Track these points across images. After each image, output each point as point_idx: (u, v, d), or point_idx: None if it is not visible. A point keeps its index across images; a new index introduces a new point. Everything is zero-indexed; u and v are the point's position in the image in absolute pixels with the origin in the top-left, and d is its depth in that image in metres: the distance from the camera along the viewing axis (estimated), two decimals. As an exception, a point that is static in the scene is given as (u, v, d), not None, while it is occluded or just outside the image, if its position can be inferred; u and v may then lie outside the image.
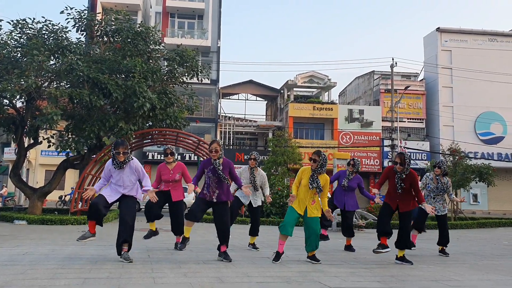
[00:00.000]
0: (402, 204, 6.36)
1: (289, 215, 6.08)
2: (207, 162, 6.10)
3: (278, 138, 26.57)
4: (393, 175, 6.36)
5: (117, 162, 5.65)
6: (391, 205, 6.44)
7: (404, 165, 6.20)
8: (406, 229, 6.33)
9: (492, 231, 14.07)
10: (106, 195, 5.67)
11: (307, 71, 35.67)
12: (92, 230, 5.71)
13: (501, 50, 35.40)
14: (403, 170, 6.22)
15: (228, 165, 6.07)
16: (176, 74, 15.70)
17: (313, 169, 6.05)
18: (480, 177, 17.67)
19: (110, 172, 5.77)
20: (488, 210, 32.93)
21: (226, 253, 6.08)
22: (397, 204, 6.38)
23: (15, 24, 13.39)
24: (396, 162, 6.28)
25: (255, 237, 7.51)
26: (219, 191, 6.01)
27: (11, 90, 11.54)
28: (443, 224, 7.66)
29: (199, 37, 33.88)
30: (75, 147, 13.34)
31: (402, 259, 6.38)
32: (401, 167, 6.22)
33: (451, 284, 4.93)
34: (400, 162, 6.22)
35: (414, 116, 34.72)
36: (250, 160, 7.31)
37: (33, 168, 31.70)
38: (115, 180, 5.75)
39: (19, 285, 4.25)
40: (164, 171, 6.90)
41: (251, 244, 7.54)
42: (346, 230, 7.85)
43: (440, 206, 7.63)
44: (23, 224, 12.02)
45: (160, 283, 4.49)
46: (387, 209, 6.47)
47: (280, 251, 6.10)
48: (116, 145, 5.66)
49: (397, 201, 6.37)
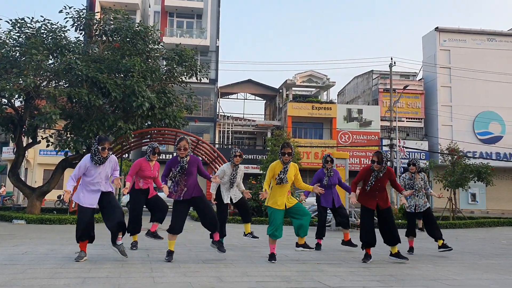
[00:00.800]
0: (381, 202, 6.33)
1: (275, 218, 5.98)
2: (174, 160, 5.91)
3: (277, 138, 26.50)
4: (369, 174, 6.32)
5: (99, 158, 5.57)
6: (370, 207, 6.36)
7: (381, 163, 6.20)
8: (392, 224, 6.29)
9: (491, 231, 14.09)
10: (88, 204, 5.57)
11: (306, 71, 35.69)
12: (85, 249, 5.70)
13: (499, 49, 35.44)
14: (381, 168, 6.22)
15: (196, 161, 5.96)
16: (175, 74, 15.70)
17: (285, 162, 6.00)
18: (478, 176, 17.68)
19: (85, 169, 5.59)
20: (487, 209, 32.98)
21: (221, 243, 6.07)
22: (377, 202, 6.34)
23: (14, 23, 13.37)
24: (374, 161, 6.25)
25: (249, 224, 7.47)
26: (187, 188, 5.86)
27: (9, 90, 11.53)
28: (430, 218, 7.65)
29: (197, 36, 33.87)
30: (74, 146, 13.32)
31: (397, 255, 6.35)
32: (379, 165, 6.20)
33: (450, 283, 4.94)
34: (378, 160, 6.21)
35: (412, 115, 34.76)
36: (235, 158, 7.21)
37: (31, 167, 31.65)
38: (91, 177, 5.59)
39: (18, 284, 4.24)
40: (146, 167, 6.91)
41: (249, 233, 7.48)
42: (343, 223, 7.85)
43: (422, 202, 7.66)
44: (22, 223, 12.01)
45: (159, 283, 4.49)
46: (369, 215, 6.38)
47: (274, 252, 6.10)
48: (101, 140, 5.60)
49: (377, 199, 6.33)
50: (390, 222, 6.31)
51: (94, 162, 5.58)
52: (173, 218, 5.81)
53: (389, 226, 6.31)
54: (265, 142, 33.20)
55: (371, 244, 6.29)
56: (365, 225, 6.35)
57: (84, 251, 5.67)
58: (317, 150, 32.00)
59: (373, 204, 6.36)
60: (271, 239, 6.04)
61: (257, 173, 23.05)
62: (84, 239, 5.60)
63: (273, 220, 5.99)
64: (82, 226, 5.52)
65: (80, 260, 5.57)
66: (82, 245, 5.66)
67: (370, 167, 6.33)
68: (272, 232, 5.96)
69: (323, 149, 31.80)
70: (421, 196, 7.68)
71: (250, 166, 30.26)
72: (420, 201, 7.65)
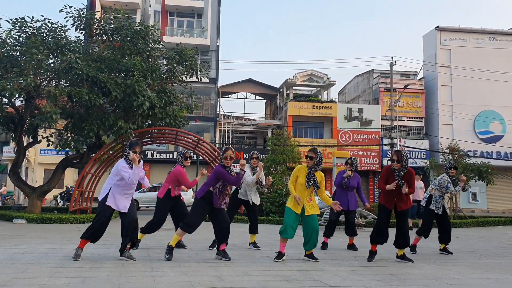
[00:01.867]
0: (400, 203, 6.29)
1: (288, 217, 6.03)
2: (221, 171, 5.82)
3: (277, 137, 26.55)
4: (392, 174, 6.28)
5: (131, 163, 5.58)
6: (387, 207, 6.34)
7: (401, 162, 6.17)
8: (405, 228, 6.29)
9: (492, 230, 14.08)
10: (122, 207, 5.61)
11: (306, 70, 35.65)
12: (83, 247, 5.72)
13: (500, 48, 35.39)
14: (401, 167, 6.19)
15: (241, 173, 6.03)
16: (175, 73, 15.68)
17: (309, 167, 6.01)
18: (479, 175, 17.65)
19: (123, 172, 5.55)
20: (487, 208, 32.96)
21: (225, 252, 6.08)
22: (395, 203, 6.30)
23: (14, 22, 13.36)
24: (393, 160, 6.24)
25: (255, 235, 7.51)
26: (227, 198, 6.05)
27: (10, 89, 11.53)
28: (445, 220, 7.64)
29: (198, 35, 33.85)
30: (75, 146, 13.32)
31: (403, 257, 6.37)
32: (399, 164, 6.18)
33: (451, 283, 4.93)
34: (397, 159, 6.19)
35: (413, 114, 34.73)
36: (252, 160, 7.30)
37: (32, 167, 31.67)
38: (125, 183, 5.59)
39: (19, 284, 4.24)
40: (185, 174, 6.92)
41: (252, 243, 7.54)
42: (350, 230, 7.85)
43: (444, 203, 7.68)
44: (23, 223, 12.02)
45: (160, 282, 4.48)
46: (386, 214, 6.35)
47: (283, 251, 6.11)
48: (132, 145, 5.61)
49: (395, 200, 6.29)
50: (402, 227, 6.29)
51: (130, 167, 5.57)
52: (194, 217, 5.85)
53: (401, 229, 6.30)
54: (265, 141, 33.19)
55: (378, 242, 6.29)
56: (380, 224, 6.33)
57: (81, 248, 5.69)
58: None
59: (391, 204, 6.32)
60: (281, 237, 6.07)
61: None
62: (93, 240, 5.67)
63: (285, 219, 6.07)
64: (97, 226, 5.57)
65: (77, 258, 5.59)
66: (84, 242, 5.68)
67: (391, 166, 6.30)
68: (281, 230, 6.01)
69: (324, 148, 31.79)
70: (443, 198, 7.68)
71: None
72: (443, 202, 7.68)
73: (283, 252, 6.09)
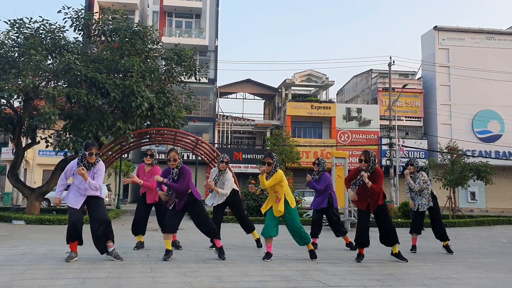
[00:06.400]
0: (372, 202, 6.25)
1: (266, 217, 6.24)
2: (167, 171, 5.93)
3: (276, 137, 26.58)
4: (357, 173, 6.28)
5: (86, 164, 5.60)
6: (360, 208, 6.32)
7: (369, 162, 6.19)
8: (388, 224, 6.27)
9: (490, 229, 14.10)
10: (72, 203, 5.60)
11: (305, 70, 35.69)
12: (75, 250, 5.71)
13: (498, 48, 35.46)
14: (368, 167, 6.20)
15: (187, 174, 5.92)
16: (174, 74, 15.69)
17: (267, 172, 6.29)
18: (478, 175, 17.67)
19: (72, 173, 5.66)
20: (486, 208, 33.02)
21: (222, 250, 6.08)
22: (368, 203, 6.27)
23: (12, 23, 13.35)
24: (361, 160, 6.25)
25: (254, 231, 7.44)
26: (178, 200, 5.89)
27: (8, 90, 11.51)
28: (434, 217, 7.69)
29: (196, 36, 33.85)
30: (73, 146, 13.31)
31: (398, 255, 6.34)
32: (366, 164, 6.20)
33: (450, 282, 4.94)
34: (365, 159, 6.21)
35: (412, 114, 34.78)
36: (221, 163, 7.15)
37: (30, 168, 31.60)
38: (78, 182, 5.64)
39: (18, 285, 4.23)
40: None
41: (256, 239, 7.50)
42: (333, 229, 7.82)
43: (425, 201, 7.69)
44: (21, 224, 11.99)
45: (159, 283, 4.48)
46: (362, 215, 6.32)
47: (270, 251, 6.15)
48: (88, 146, 5.63)
49: (368, 200, 6.27)
50: (385, 223, 6.28)
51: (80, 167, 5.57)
52: (168, 217, 5.90)
53: (383, 227, 6.30)
54: (264, 141, 33.20)
55: (363, 245, 6.27)
56: (361, 226, 6.30)
57: (74, 251, 5.68)
58: (316, 150, 32.02)
59: (363, 205, 6.31)
60: (264, 238, 6.16)
61: (256, 172, 23.04)
62: (73, 239, 5.62)
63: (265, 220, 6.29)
64: (70, 226, 5.57)
65: (70, 260, 5.56)
66: (72, 245, 5.67)
67: (360, 167, 6.32)
68: (264, 230, 6.13)
69: (323, 148, 31.83)
70: (424, 195, 7.70)
71: (250, 165, 30.28)
72: (423, 199, 7.68)
73: (270, 252, 6.14)
